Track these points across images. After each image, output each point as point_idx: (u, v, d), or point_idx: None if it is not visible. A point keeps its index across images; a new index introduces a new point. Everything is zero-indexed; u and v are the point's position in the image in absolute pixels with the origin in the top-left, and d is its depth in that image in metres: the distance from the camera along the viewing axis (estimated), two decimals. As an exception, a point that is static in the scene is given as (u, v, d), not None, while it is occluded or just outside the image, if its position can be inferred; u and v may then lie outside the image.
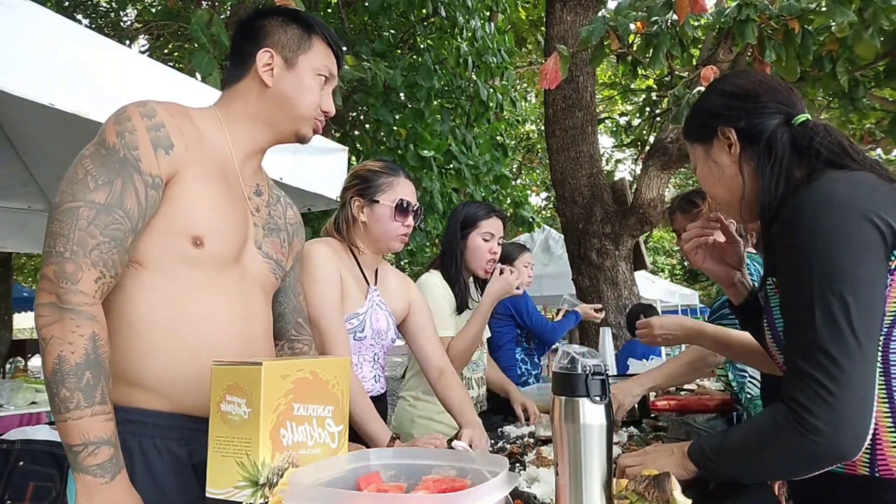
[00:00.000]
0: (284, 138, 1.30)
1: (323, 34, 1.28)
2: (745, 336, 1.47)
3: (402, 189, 1.80)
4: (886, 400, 0.98)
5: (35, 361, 11.72)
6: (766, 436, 0.98)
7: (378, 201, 1.76)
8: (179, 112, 1.17)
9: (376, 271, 1.87)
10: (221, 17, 6.42)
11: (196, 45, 3.55)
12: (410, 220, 1.81)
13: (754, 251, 2.19)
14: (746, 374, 2.13)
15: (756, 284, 1.33)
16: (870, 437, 0.96)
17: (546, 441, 1.68)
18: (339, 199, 1.91)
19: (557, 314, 3.13)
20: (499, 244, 2.27)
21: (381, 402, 1.87)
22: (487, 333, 2.42)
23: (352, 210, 1.78)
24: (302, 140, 1.32)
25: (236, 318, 1.17)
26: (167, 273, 1.10)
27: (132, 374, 1.07)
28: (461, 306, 2.20)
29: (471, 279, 2.33)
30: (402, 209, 1.77)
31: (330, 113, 1.31)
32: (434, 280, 2.20)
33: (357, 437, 1.51)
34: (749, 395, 2.10)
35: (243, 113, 1.24)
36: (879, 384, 0.98)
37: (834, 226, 0.94)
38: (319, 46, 1.28)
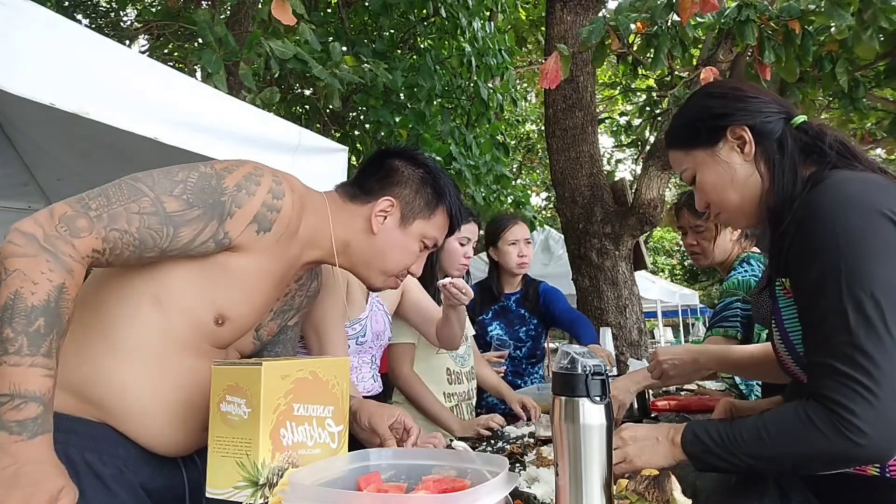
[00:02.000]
0: (357, 275, 1.28)
1: (450, 207, 1.28)
2: (746, 348, 1.47)
3: None
4: None
5: (35, 361, 11.71)
6: (799, 436, 0.95)
7: None
8: (299, 206, 1.15)
9: None
10: (222, 17, 6.42)
11: (201, 44, 3.56)
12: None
13: (758, 251, 2.18)
14: None
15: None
16: None
17: (546, 441, 1.68)
18: None
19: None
20: (472, 247, 2.29)
21: (378, 400, 1.88)
22: (471, 330, 2.42)
23: None
24: (370, 288, 1.31)
25: (196, 384, 1.14)
26: (176, 325, 1.07)
27: (95, 394, 1.04)
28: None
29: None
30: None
31: (415, 275, 1.30)
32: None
33: (356, 442, 1.50)
34: (758, 396, 2.09)
35: (340, 234, 1.22)
36: None
37: (855, 226, 0.94)
38: (440, 217, 1.27)
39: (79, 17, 8.40)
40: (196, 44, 3.50)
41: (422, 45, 6.77)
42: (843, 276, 0.92)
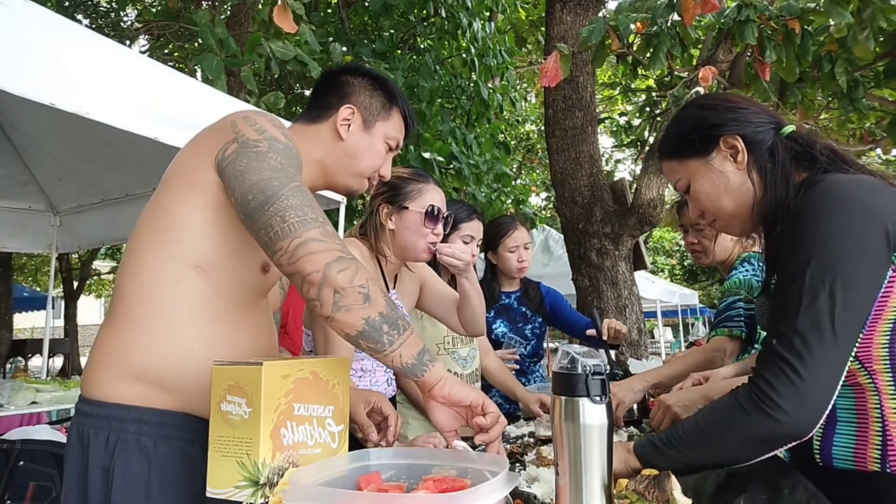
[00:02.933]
0: (335, 188, 1.36)
1: (403, 108, 1.37)
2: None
3: (432, 196, 1.74)
4: (895, 397, 1.00)
5: (35, 361, 11.73)
6: (725, 418, 1.00)
7: (407, 208, 1.71)
8: None
9: (395, 276, 1.86)
10: (222, 17, 6.41)
11: (201, 46, 3.55)
12: (440, 228, 1.75)
13: (759, 250, 2.18)
14: None
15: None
16: (881, 433, 0.99)
17: (546, 441, 1.68)
18: (367, 207, 1.91)
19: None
20: (478, 245, 2.25)
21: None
22: None
23: (380, 217, 1.73)
24: (349, 195, 1.39)
25: (265, 339, 1.23)
26: (226, 287, 1.12)
27: (154, 373, 1.08)
28: None
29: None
30: (431, 216, 1.71)
31: (385, 177, 1.38)
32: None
33: (356, 442, 1.50)
34: None
35: (311, 154, 1.28)
36: (888, 381, 1.00)
37: (838, 224, 0.97)
38: (396, 118, 1.36)
39: (79, 17, 8.40)
40: (196, 44, 3.49)
41: (422, 46, 6.77)
42: (810, 269, 0.96)
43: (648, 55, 3.32)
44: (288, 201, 1.00)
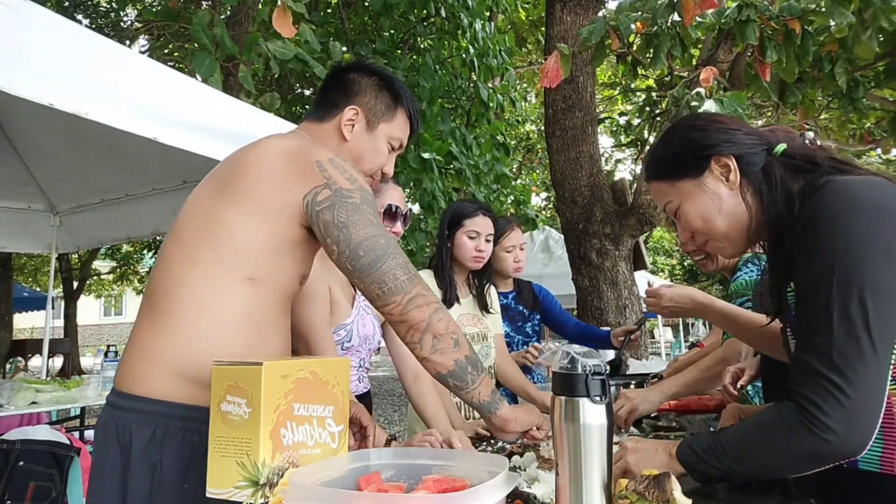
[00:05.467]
0: None
1: (408, 108, 1.38)
2: (756, 317, 1.45)
3: (391, 194, 1.79)
4: None
5: (35, 361, 11.74)
6: (771, 434, 0.97)
7: None
8: None
9: None
10: (222, 17, 6.41)
11: (197, 46, 3.55)
12: (399, 227, 1.79)
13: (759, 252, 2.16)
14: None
15: (758, 284, 1.31)
16: None
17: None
18: None
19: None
20: (487, 241, 2.26)
21: (365, 399, 1.90)
22: (498, 329, 2.41)
23: None
24: None
25: (289, 341, 1.30)
26: (272, 296, 1.19)
27: (201, 373, 1.10)
28: (448, 302, 2.20)
29: (467, 275, 2.34)
30: (390, 214, 1.75)
31: (388, 176, 1.41)
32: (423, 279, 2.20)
33: None
34: (761, 398, 2.08)
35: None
36: None
37: (857, 227, 0.94)
38: (401, 119, 1.37)
39: (79, 17, 8.40)
40: (196, 45, 3.49)
41: (422, 46, 6.77)
42: (836, 277, 0.93)
43: (649, 55, 3.33)
44: (395, 260, 1.13)
